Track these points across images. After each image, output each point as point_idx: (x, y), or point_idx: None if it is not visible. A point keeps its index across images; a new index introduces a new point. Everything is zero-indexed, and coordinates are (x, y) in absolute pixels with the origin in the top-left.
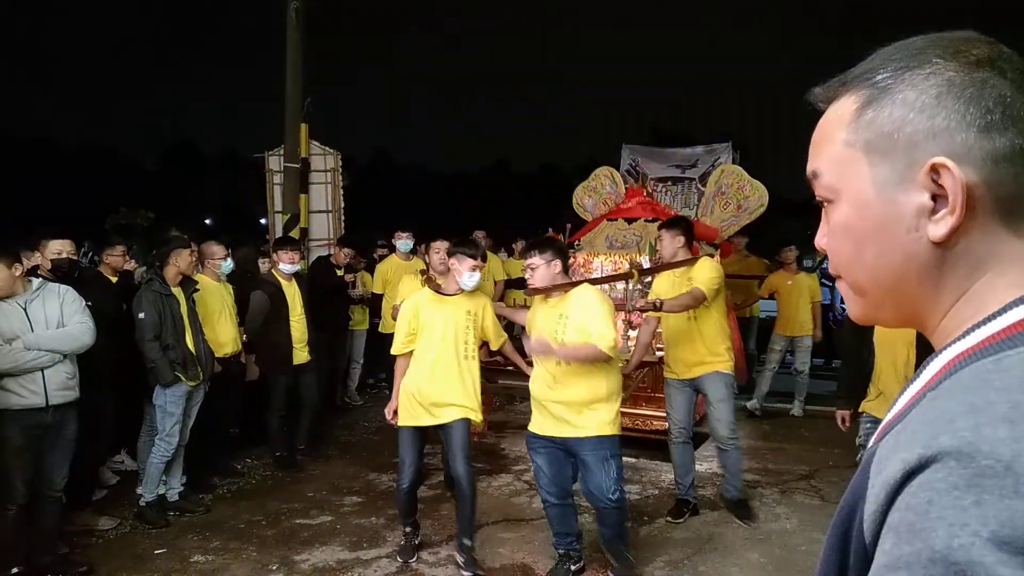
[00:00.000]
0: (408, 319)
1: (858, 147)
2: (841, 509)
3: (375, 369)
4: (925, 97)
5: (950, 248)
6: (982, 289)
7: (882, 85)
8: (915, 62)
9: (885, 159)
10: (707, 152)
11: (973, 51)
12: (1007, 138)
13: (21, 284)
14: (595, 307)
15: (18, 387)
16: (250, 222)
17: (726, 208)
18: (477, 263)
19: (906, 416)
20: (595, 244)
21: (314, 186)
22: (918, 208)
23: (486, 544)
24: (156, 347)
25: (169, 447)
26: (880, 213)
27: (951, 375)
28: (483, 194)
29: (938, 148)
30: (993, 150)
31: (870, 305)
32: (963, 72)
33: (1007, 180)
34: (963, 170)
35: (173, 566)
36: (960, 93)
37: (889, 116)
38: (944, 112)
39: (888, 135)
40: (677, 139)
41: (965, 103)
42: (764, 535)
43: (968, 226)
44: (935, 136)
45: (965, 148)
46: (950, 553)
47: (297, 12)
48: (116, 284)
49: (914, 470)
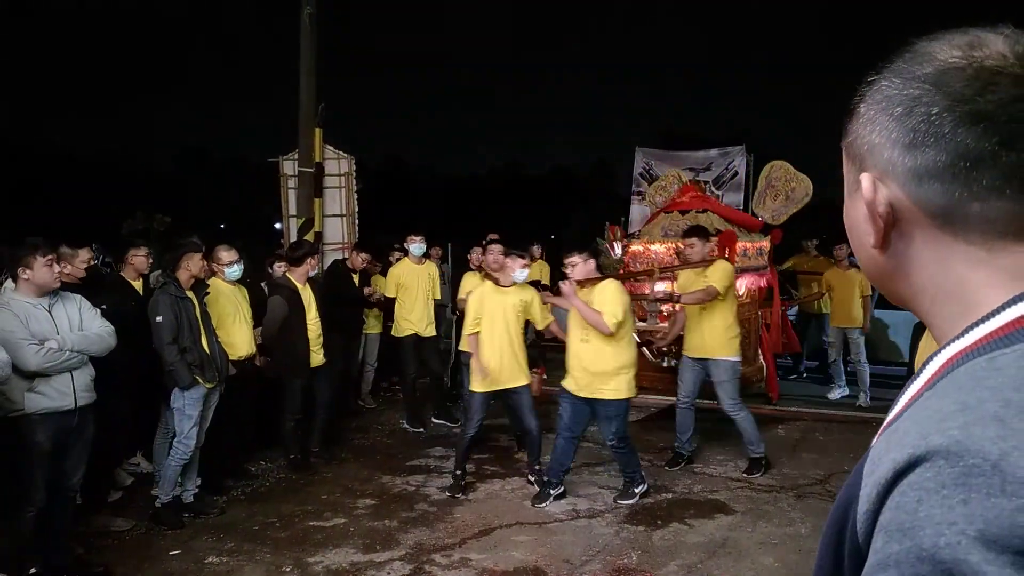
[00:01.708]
0: (475, 307)
1: (844, 153)
2: (836, 509)
3: (388, 373)
4: (869, 113)
5: (896, 254)
6: (956, 288)
7: (859, 95)
8: (875, 75)
9: (852, 167)
10: (721, 155)
11: (926, 64)
12: (929, 156)
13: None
14: (611, 294)
15: (50, 389)
16: (265, 226)
17: (776, 199)
18: (526, 262)
19: (901, 417)
20: (652, 234)
21: (328, 190)
22: (865, 215)
23: (498, 547)
24: (174, 350)
25: (187, 449)
26: (851, 216)
27: (947, 374)
28: (495, 197)
29: (872, 163)
30: (915, 167)
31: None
32: (900, 88)
33: (934, 195)
34: (888, 185)
35: (188, 567)
36: (891, 110)
37: (852, 128)
38: (878, 128)
39: (849, 145)
40: (690, 142)
41: (895, 120)
42: (779, 539)
43: (908, 235)
44: (871, 151)
45: (890, 165)
46: (937, 552)
47: (311, 18)
48: (138, 288)
49: (904, 469)
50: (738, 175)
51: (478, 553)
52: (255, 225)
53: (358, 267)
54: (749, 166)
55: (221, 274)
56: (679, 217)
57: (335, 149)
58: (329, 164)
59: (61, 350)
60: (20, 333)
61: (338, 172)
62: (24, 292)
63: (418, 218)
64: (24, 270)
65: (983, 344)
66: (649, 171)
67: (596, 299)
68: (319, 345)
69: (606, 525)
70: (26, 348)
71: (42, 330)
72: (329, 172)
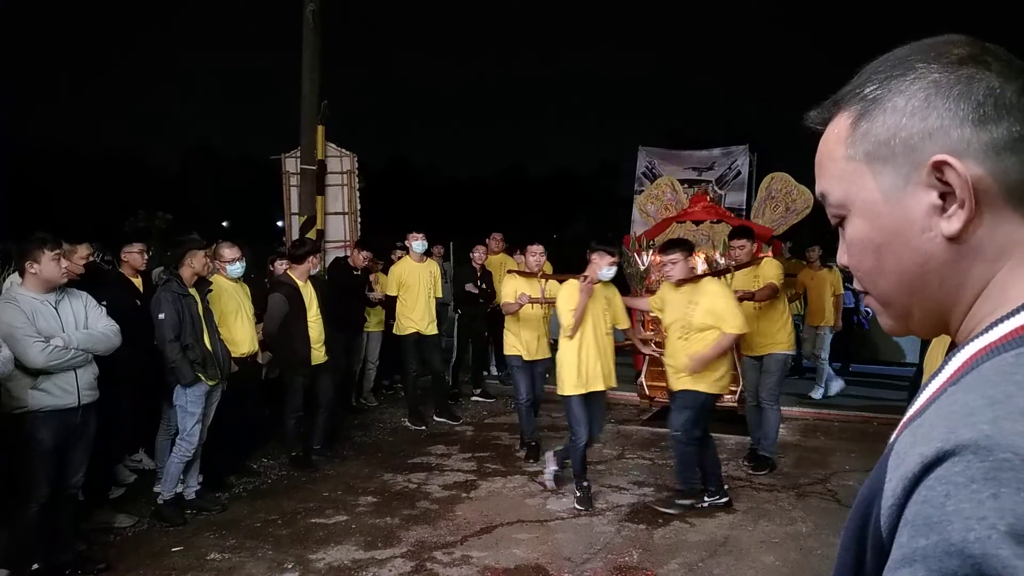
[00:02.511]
0: (568, 305)
1: (859, 159)
2: (858, 503)
3: (390, 371)
4: (915, 101)
5: (966, 242)
6: (1004, 280)
7: (871, 97)
8: (899, 70)
9: (887, 166)
10: (724, 154)
11: (955, 51)
12: (1003, 128)
13: None
14: (722, 296)
15: (53, 387)
16: (267, 224)
17: (775, 210)
18: (615, 260)
19: (926, 411)
20: None
21: (330, 188)
22: (928, 208)
23: (500, 544)
24: (177, 347)
25: (190, 446)
26: (892, 219)
27: (972, 369)
28: (498, 198)
29: (936, 147)
30: (991, 141)
31: (899, 315)
32: (947, 72)
33: (1012, 169)
34: (965, 164)
35: (190, 564)
36: (948, 92)
37: (883, 124)
38: (936, 112)
39: (885, 143)
40: (694, 142)
41: (955, 100)
42: (779, 538)
43: (980, 218)
44: (931, 136)
45: (963, 143)
46: (966, 546)
47: (314, 14)
48: (138, 285)
49: (932, 464)
50: (741, 175)
51: (479, 551)
52: (258, 223)
53: (360, 265)
54: (752, 165)
55: (223, 271)
56: (693, 227)
57: (337, 147)
58: (331, 162)
59: (67, 348)
60: (26, 329)
61: (340, 170)
62: (31, 287)
63: (420, 217)
64: (32, 264)
65: (1011, 339)
66: (652, 170)
67: (701, 302)
68: (321, 343)
69: (607, 523)
70: (32, 345)
71: (48, 327)
72: (331, 170)
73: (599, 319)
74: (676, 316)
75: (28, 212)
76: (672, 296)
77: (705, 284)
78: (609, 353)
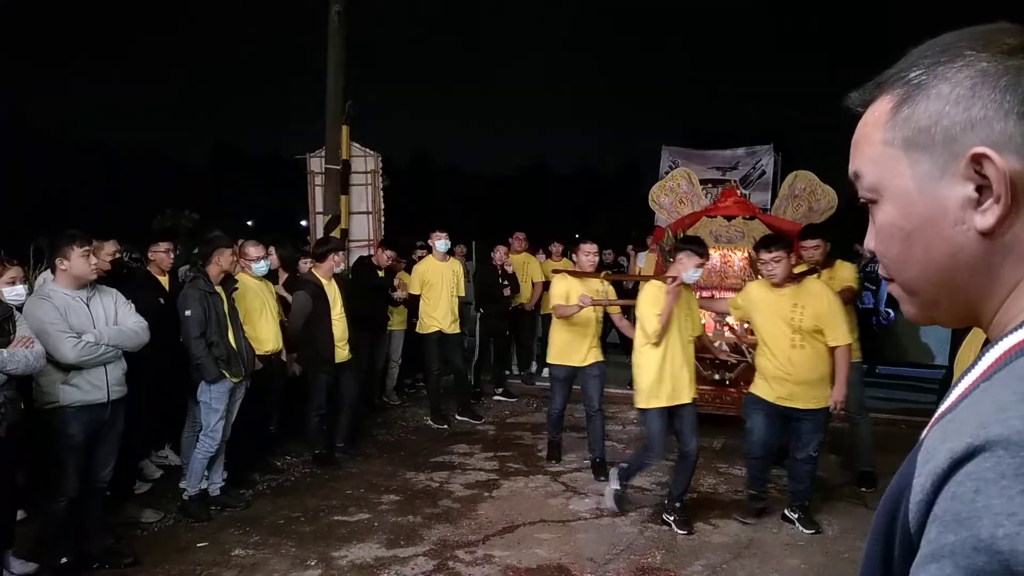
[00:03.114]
0: (653, 308)
1: (897, 145)
2: (887, 498)
3: (412, 369)
4: (960, 89)
5: (999, 238)
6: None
7: (916, 82)
8: (946, 56)
9: (925, 154)
10: (748, 154)
11: (1006, 40)
12: None
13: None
14: (832, 304)
15: (84, 382)
16: (292, 223)
17: (798, 209)
18: (703, 261)
19: (957, 407)
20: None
21: (354, 187)
22: (963, 200)
23: (523, 544)
24: (202, 344)
25: (213, 443)
26: (924, 208)
27: (1006, 366)
28: (521, 196)
29: (977, 138)
30: None
31: (924, 305)
32: (996, 62)
33: None
34: (1005, 158)
35: (215, 559)
36: (995, 83)
37: (925, 111)
38: (980, 102)
39: (925, 130)
40: (717, 141)
41: (1001, 92)
42: (805, 541)
43: (1017, 215)
44: (973, 127)
45: (1005, 136)
46: (995, 542)
47: (339, 15)
48: (164, 284)
49: (962, 459)
50: (765, 174)
51: (502, 550)
52: (284, 222)
53: (383, 264)
54: (777, 165)
55: (248, 269)
56: (725, 223)
57: (362, 146)
58: (356, 161)
59: (98, 344)
60: (59, 325)
61: (364, 169)
62: (62, 283)
63: (443, 216)
64: (62, 260)
65: None
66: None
67: (808, 305)
68: (344, 341)
69: (630, 524)
70: (64, 341)
71: (80, 323)
72: (356, 169)
73: (683, 323)
74: (780, 320)
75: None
76: (768, 297)
77: (809, 287)
78: (692, 361)
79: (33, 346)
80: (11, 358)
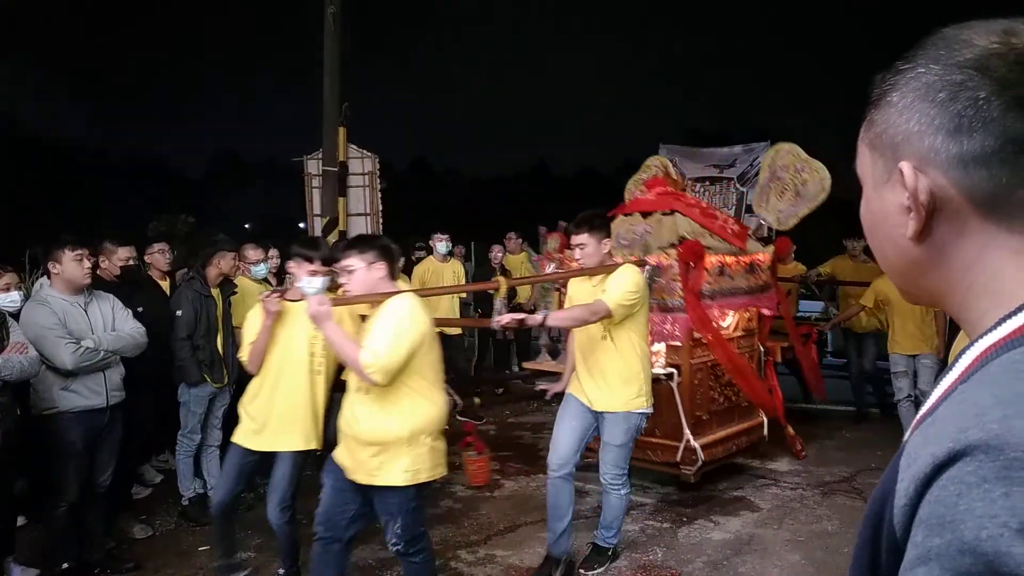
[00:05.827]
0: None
1: (866, 144)
2: (872, 503)
3: None
4: (905, 100)
5: (935, 244)
6: (990, 281)
7: (885, 86)
8: (909, 63)
9: (879, 158)
10: (746, 151)
11: (964, 52)
12: (976, 141)
13: None
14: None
15: (83, 388)
16: (289, 226)
17: (783, 196)
18: (316, 268)
19: (937, 410)
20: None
21: (352, 189)
22: (900, 207)
23: (524, 543)
24: (187, 345)
25: (191, 443)
26: (877, 208)
27: (982, 367)
28: (521, 197)
29: (909, 151)
30: (961, 153)
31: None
32: (941, 75)
33: (980, 181)
34: (930, 173)
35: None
36: (933, 97)
37: (881, 117)
38: (916, 116)
39: (879, 135)
40: (716, 140)
41: (937, 106)
42: (805, 537)
43: (948, 225)
44: (908, 139)
45: (932, 152)
46: (979, 544)
47: (335, 17)
48: (165, 289)
49: (944, 464)
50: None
51: (504, 550)
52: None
53: None
54: None
55: (247, 272)
56: (640, 221)
57: (359, 148)
58: (353, 163)
59: (96, 350)
60: (58, 331)
61: (362, 171)
62: (58, 288)
63: (442, 218)
64: (55, 264)
65: (1017, 336)
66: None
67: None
68: None
69: (631, 522)
70: (63, 346)
71: (78, 328)
72: (353, 171)
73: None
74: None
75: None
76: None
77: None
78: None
79: (27, 352)
80: (5, 364)
